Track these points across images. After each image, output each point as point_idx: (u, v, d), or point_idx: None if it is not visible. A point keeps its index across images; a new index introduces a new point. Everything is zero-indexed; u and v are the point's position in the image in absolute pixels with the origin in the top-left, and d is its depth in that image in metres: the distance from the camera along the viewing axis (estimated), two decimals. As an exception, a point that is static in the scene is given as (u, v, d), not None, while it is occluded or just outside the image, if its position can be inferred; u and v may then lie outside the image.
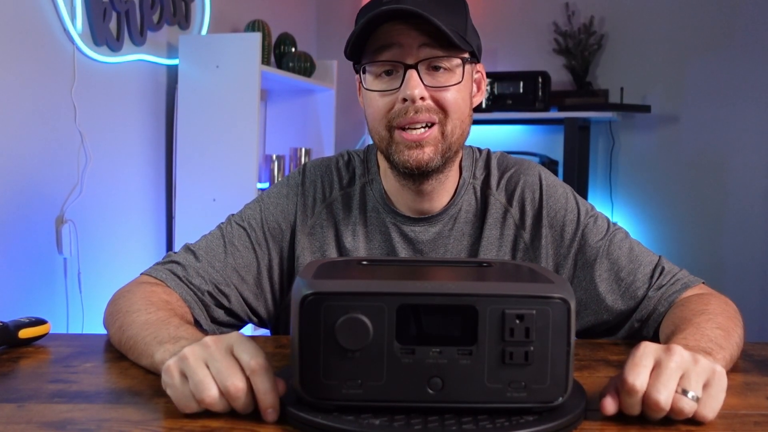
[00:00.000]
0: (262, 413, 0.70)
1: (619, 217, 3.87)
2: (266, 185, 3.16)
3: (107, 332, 1.01)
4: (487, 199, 1.16)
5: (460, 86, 1.06)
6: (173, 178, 2.93)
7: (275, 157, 3.23)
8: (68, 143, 2.45)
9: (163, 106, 2.95)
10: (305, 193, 1.18)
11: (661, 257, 1.14)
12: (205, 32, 3.10)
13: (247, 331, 1.20)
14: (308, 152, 3.32)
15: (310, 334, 0.68)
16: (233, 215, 1.19)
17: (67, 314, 2.46)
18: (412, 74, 1.03)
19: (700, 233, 3.77)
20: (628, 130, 3.89)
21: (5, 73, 2.19)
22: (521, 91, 3.62)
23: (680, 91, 3.79)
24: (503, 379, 0.68)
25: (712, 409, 0.71)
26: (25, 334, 0.99)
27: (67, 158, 2.45)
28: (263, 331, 1.26)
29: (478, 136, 3.68)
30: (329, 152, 3.46)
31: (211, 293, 1.10)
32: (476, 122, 3.39)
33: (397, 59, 1.04)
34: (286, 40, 3.34)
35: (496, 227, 1.15)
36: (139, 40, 2.72)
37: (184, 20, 2.98)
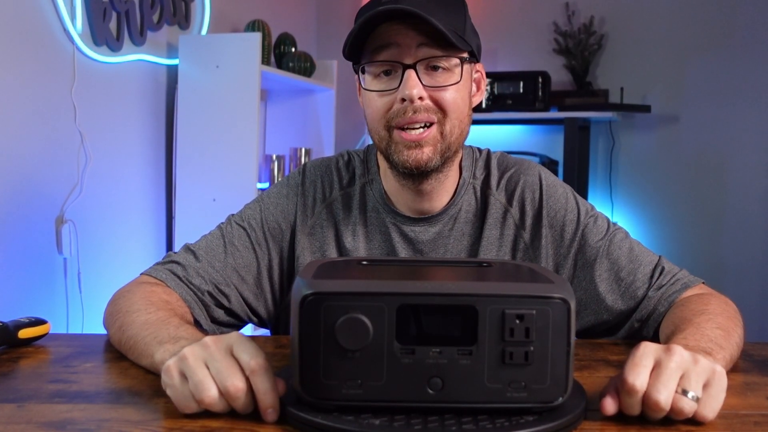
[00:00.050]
0: (261, 413, 0.70)
1: (619, 217, 3.87)
2: (266, 185, 3.16)
3: (107, 332, 1.01)
4: (487, 199, 1.16)
5: (458, 86, 1.06)
6: (173, 178, 2.92)
7: (275, 157, 3.23)
8: (68, 143, 2.45)
9: (163, 106, 2.95)
10: (305, 193, 1.18)
11: (661, 257, 1.14)
12: (205, 32, 3.10)
13: (247, 331, 1.20)
14: (308, 152, 3.32)
15: (310, 334, 0.68)
16: (233, 215, 1.19)
17: (67, 314, 2.46)
18: (410, 74, 1.03)
19: (700, 233, 3.77)
20: (628, 130, 3.89)
21: (5, 73, 2.19)
22: (521, 91, 3.62)
23: (680, 91, 3.79)
24: (503, 379, 0.68)
25: (712, 409, 0.71)
26: (25, 334, 0.99)
27: (67, 158, 2.45)
28: (263, 331, 1.26)
29: (478, 136, 3.68)
30: (329, 152, 3.46)
31: (211, 293, 1.10)
32: (476, 122, 3.40)
33: (395, 59, 1.04)
34: (286, 40, 3.34)
35: (496, 227, 1.14)
36: (139, 40, 2.72)
37: (184, 20, 2.98)
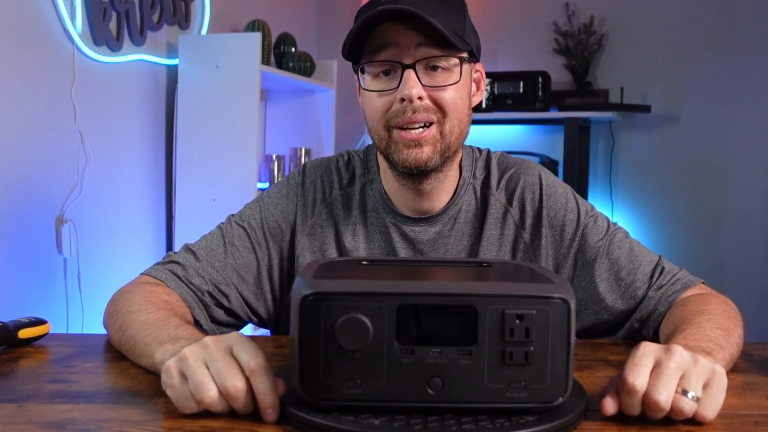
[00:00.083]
0: (261, 413, 0.70)
1: (619, 217, 3.87)
2: (266, 185, 3.16)
3: (107, 332, 1.01)
4: (487, 199, 1.16)
5: (458, 86, 1.06)
6: (173, 178, 2.92)
7: (275, 157, 3.23)
8: (68, 143, 2.45)
9: (163, 106, 2.95)
10: (305, 193, 1.18)
11: (661, 257, 1.13)
12: (205, 32, 3.10)
13: (247, 331, 1.20)
14: (308, 152, 3.32)
15: (310, 334, 0.68)
16: (233, 215, 1.19)
17: (67, 314, 2.46)
18: (409, 74, 1.03)
19: (700, 233, 3.77)
20: (628, 130, 3.89)
21: (5, 73, 2.19)
22: (521, 91, 3.62)
23: (680, 91, 3.79)
24: (503, 379, 0.68)
25: (712, 409, 0.71)
26: (24, 334, 0.99)
27: (67, 158, 2.45)
28: (263, 331, 1.26)
29: (478, 136, 3.68)
30: (329, 152, 3.46)
31: (211, 293, 1.10)
32: (476, 122, 3.40)
33: (394, 59, 1.03)
34: (286, 40, 3.34)
35: (496, 227, 1.14)
36: (139, 40, 2.72)
37: (184, 20, 2.98)
